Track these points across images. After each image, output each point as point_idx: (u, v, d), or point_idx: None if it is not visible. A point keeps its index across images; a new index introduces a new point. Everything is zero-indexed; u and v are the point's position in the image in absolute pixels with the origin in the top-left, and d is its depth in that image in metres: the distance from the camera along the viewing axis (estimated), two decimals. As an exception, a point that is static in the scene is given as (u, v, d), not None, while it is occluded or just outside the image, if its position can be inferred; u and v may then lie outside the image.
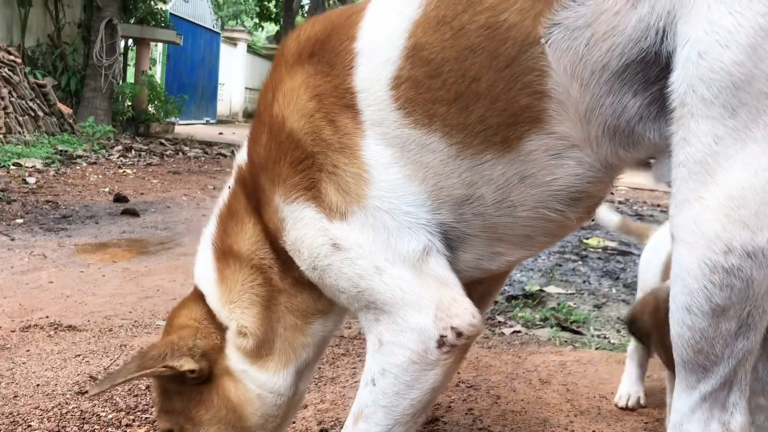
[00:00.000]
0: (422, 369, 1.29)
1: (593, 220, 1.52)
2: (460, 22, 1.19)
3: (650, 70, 1.09)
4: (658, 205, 10.41)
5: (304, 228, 1.37)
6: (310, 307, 1.51)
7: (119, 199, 7.10)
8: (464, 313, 1.28)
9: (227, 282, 1.52)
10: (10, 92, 9.69)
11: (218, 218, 1.58)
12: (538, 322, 4.10)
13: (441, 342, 1.27)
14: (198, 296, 1.59)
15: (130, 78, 15.30)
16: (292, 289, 1.49)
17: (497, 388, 1.91)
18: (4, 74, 9.65)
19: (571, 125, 1.16)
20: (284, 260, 1.46)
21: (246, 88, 27.65)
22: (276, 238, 1.43)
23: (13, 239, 5.25)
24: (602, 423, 1.66)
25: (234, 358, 1.52)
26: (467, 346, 1.32)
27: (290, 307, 1.50)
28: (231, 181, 1.58)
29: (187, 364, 1.47)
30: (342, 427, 1.95)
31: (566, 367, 2.07)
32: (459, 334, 1.27)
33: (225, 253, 1.53)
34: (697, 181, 1.01)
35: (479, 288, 1.58)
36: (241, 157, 1.56)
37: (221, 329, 1.53)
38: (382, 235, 1.30)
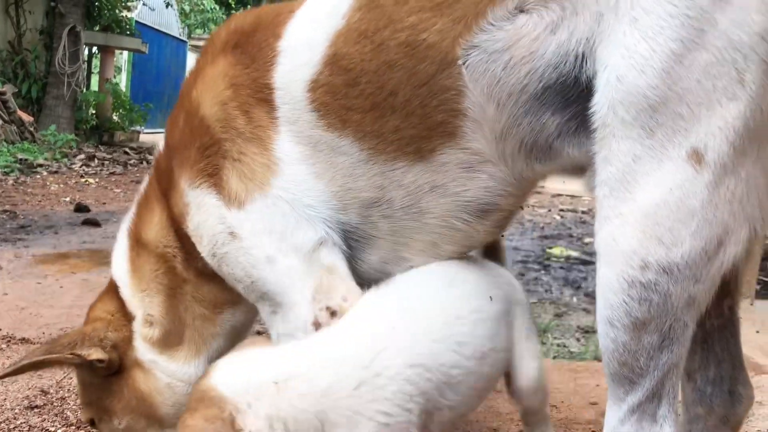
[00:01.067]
0: None
1: (503, 235, 1.56)
2: (381, 38, 1.21)
3: (569, 91, 1.13)
4: (621, 215, 10.58)
5: (204, 214, 1.39)
6: (217, 297, 1.52)
7: (80, 208, 7.00)
8: (337, 292, 1.32)
9: (138, 271, 1.54)
10: (-32, 100, 9.49)
11: (136, 205, 1.60)
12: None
13: (316, 323, 1.31)
14: (112, 287, 1.60)
15: (94, 86, 15.08)
16: (197, 279, 1.51)
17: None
18: (-38, 81, 9.44)
19: (486, 142, 1.20)
20: (188, 249, 1.48)
21: (213, 97, 27.43)
22: (180, 224, 1.45)
23: (-33, 250, 5.14)
24: (550, 432, 1.69)
25: (142, 348, 1.54)
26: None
27: (197, 297, 1.53)
28: (151, 169, 1.60)
29: (95, 354, 1.49)
30: None
31: (520, 377, 2.09)
32: (333, 313, 1.31)
33: (138, 242, 1.55)
34: (617, 199, 1.04)
35: None
36: (161, 143, 1.59)
37: (130, 320, 1.55)
38: (280, 224, 1.33)
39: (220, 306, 1.53)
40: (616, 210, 1.04)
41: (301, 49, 1.31)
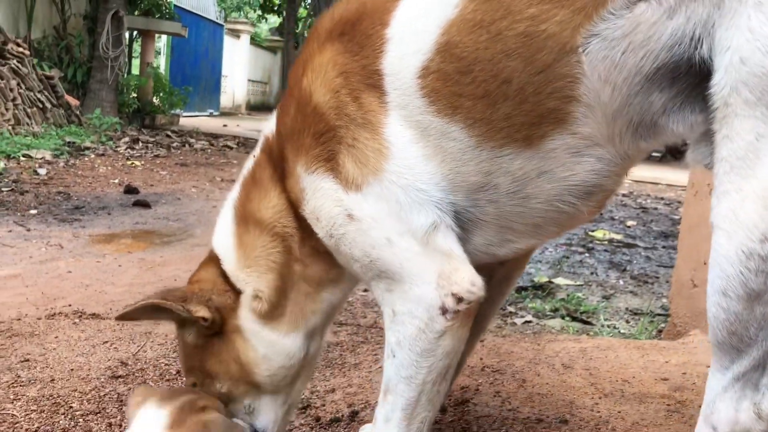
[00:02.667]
0: (432, 337, 1.36)
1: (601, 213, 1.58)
2: (498, 28, 1.25)
3: (679, 70, 1.16)
4: (662, 198, 10.48)
5: (322, 198, 1.43)
6: (322, 277, 1.58)
7: (130, 190, 7.17)
8: (464, 280, 1.35)
9: (246, 247, 1.59)
10: (18, 84, 9.74)
11: (242, 185, 1.64)
12: (548, 313, 4.18)
13: (443, 309, 1.34)
14: (213, 260, 1.66)
15: (135, 70, 15.33)
16: (308, 259, 1.57)
17: (522, 373, 1.98)
18: (12, 66, 9.69)
19: (596, 126, 1.23)
20: (303, 230, 1.53)
21: (249, 80, 27.66)
22: (297, 207, 1.51)
23: (29, 230, 5.32)
24: (626, 405, 1.73)
25: (246, 318, 1.60)
26: (470, 311, 1.37)
27: (304, 275, 1.58)
28: (256, 150, 1.64)
29: (202, 312, 1.56)
30: (372, 408, 2.03)
31: (587, 353, 2.14)
32: (459, 300, 1.34)
33: (246, 219, 1.59)
34: (738, 175, 1.08)
35: (500, 271, 1.66)
36: (269, 127, 1.62)
37: (235, 291, 1.61)
38: (395, 208, 1.36)
39: (322, 285, 1.59)
40: (737, 185, 1.08)
41: (411, 37, 1.35)
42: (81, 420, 2.04)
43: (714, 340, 1.13)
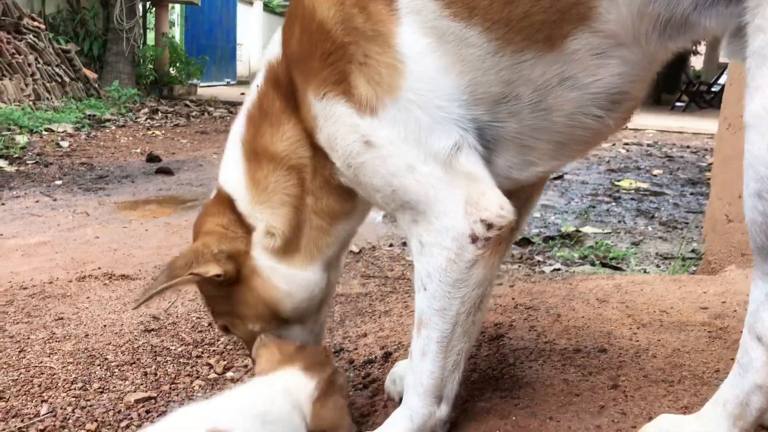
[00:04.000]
0: (462, 267, 1.29)
1: (627, 127, 1.50)
2: None
3: None
4: (688, 147, 10.30)
5: (335, 125, 1.34)
6: (335, 209, 1.52)
7: (152, 158, 7.19)
8: (492, 204, 1.28)
9: (258, 183, 1.51)
10: (36, 59, 9.76)
11: (247, 119, 1.54)
12: (577, 260, 4.14)
13: (474, 237, 1.27)
14: (222, 200, 1.58)
15: (151, 41, 15.28)
16: (321, 191, 1.50)
17: (556, 308, 1.95)
18: (29, 41, 9.70)
19: (621, 23, 1.15)
20: (317, 161, 1.46)
21: (264, 48, 27.45)
22: (311, 137, 1.42)
23: (55, 199, 5.37)
24: (666, 334, 1.70)
25: (262, 257, 1.54)
26: (501, 238, 1.30)
27: (317, 208, 1.52)
28: (259, 80, 1.53)
29: (212, 270, 1.49)
30: (405, 349, 2.02)
31: (621, 288, 2.11)
32: (489, 226, 1.27)
33: (257, 154, 1.51)
34: None
35: (521, 193, 1.57)
36: (271, 53, 1.52)
37: (248, 231, 1.54)
38: (414, 131, 1.28)
39: (335, 217, 1.53)
40: None
41: None
42: (117, 370, 2.06)
43: (754, 246, 1.08)
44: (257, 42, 26.69)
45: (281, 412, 1.33)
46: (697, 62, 23.56)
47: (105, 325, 2.49)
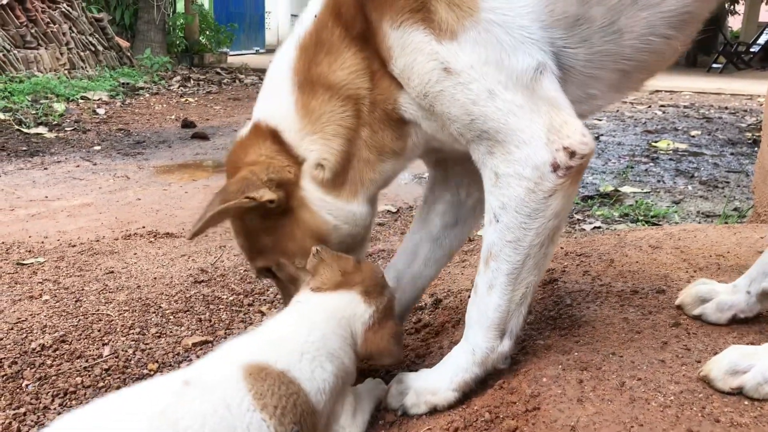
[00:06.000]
0: (541, 197, 1.28)
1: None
2: None
3: None
4: (726, 108, 10.05)
5: (413, 53, 1.32)
6: (386, 146, 1.49)
7: (187, 124, 7.25)
8: (575, 132, 1.26)
9: (312, 113, 1.48)
10: (70, 28, 9.83)
11: (300, 49, 1.49)
12: (617, 219, 4.09)
13: (555, 165, 1.26)
14: (261, 133, 1.54)
15: (180, 9, 15.27)
16: (378, 125, 1.47)
17: (608, 254, 1.94)
18: (63, 10, 9.77)
19: None
20: (379, 92, 1.43)
21: (292, 15, 27.30)
22: (384, 66, 1.39)
23: (95, 164, 5.45)
24: (724, 276, 1.68)
25: (310, 189, 1.51)
26: (582, 167, 1.29)
27: (369, 142, 1.49)
28: (317, 10, 1.48)
29: (266, 195, 1.47)
30: (454, 296, 2.03)
31: (674, 236, 2.08)
32: (572, 154, 1.25)
33: (312, 84, 1.47)
34: None
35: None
36: None
37: (296, 162, 1.51)
38: (495, 52, 1.25)
39: (384, 154, 1.50)
40: None
41: None
42: (172, 317, 2.10)
43: None
44: (285, 10, 26.51)
45: (329, 343, 1.31)
46: (734, 22, 22.86)
47: (155, 278, 2.53)
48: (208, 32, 14.81)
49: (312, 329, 1.32)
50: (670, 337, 1.37)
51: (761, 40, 17.89)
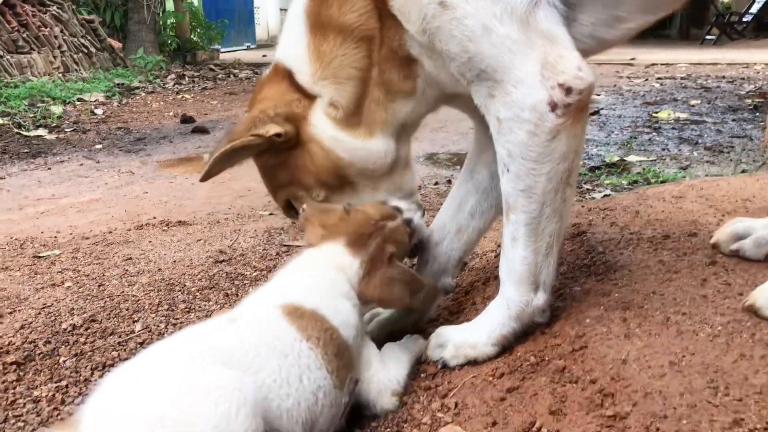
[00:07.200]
0: (544, 139, 1.24)
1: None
2: None
3: None
4: (723, 77, 10.03)
5: None
6: (395, 85, 1.47)
7: (186, 120, 7.22)
8: (569, 67, 1.22)
9: (323, 56, 1.48)
10: (62, 30, 9.78)
11: None
12: (626, 186, 4.09)
13: (552, 104, 1.22)
14: (279, 74, 1.55)
15: (170, 8, 15.21)
16: (385, 64, 1.45)
17: (633, 207, 1.93)
18: (53, 13, 9.72)
19: None
20: (385, 31, 1.42)
21: (281, 10, 27.18)
22: (384, 5, 1.38)
23: (98, 162, 5.43)
24: (755, 217, 1.68)
25: (322, 126, 1.51)
26: (582, 103, 1.24)
27: (380, 80, 1.48)
28: None
29: (272, 129, 1.48)
30: (479, 257, 2.03)
31: (695, 186, 2.08)
32: (568, 90, 1.22)
33: (324, 27, 1.46)
34: None
35: None
36: None
37: (307, 97, 1.52)
38: None
39: (395, 93, 1.48)
40: None
41: None
42: (198, 294, 2.10)
43: None
44: (274, 4, 26.39)
45: (338, 286, 1.37)
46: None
47: (175, 261, 2.53)
48: (198, 30, 14.75)
49: (319, 276, 1.37)
50: (708, 274, 1.37)
51: (753, 9, 17.87)
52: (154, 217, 3.57)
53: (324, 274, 1.38)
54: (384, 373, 1.36)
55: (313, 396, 1.18)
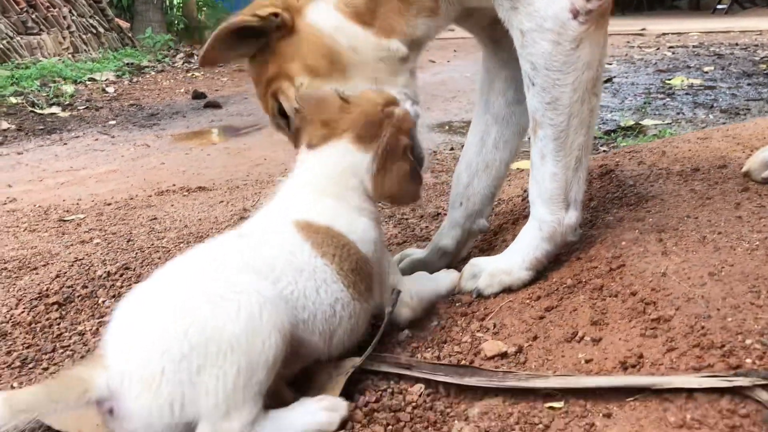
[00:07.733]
0: (568, 48, 1.25)
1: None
2: None
3: None
4: (736, 44, 9.93)
5: None
6: (420, 1, 1.43)
7: (198, 95, 7.23)
8: None
9: None
10: (70, 11, 9.78)
11: None
12: (642, 147, 4.09)
13: (574, 11, 1.23)
14: None
15: (176, -12, 15.17)
16: None
17: (658, 149, 1.94)
18: (61, -7, 9.71)
19: None
20: None
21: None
22: None
23: (113, 136, 5.46)
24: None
25: (325, 14, 1.46)
26: (603, 9, 1.25)
27: None
28: None
29: (269, 8, 1.44)
30: (505, 204, 2.04)
31: (720, 131, 2.06)
32: None
33: None
34: None
35: None
36: None
37: None
38: None
39: (418, 9, 1.43)
40: None
41: None
42: (228, 244, 2.12)
43: None
44: (279, -15, 26.20)
45: (349, 199, 1.31)
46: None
47: (200, 219, 2.55)
48: (205, 9, 14.70)
49: (324, 192, 1.31)
50: (741, 199, 1.38)
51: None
52: (174, 185, 3.60)
53: (331, 186, 1.30)
54: (399, 285, 1.35)
55: (331, 308, 1.19)
